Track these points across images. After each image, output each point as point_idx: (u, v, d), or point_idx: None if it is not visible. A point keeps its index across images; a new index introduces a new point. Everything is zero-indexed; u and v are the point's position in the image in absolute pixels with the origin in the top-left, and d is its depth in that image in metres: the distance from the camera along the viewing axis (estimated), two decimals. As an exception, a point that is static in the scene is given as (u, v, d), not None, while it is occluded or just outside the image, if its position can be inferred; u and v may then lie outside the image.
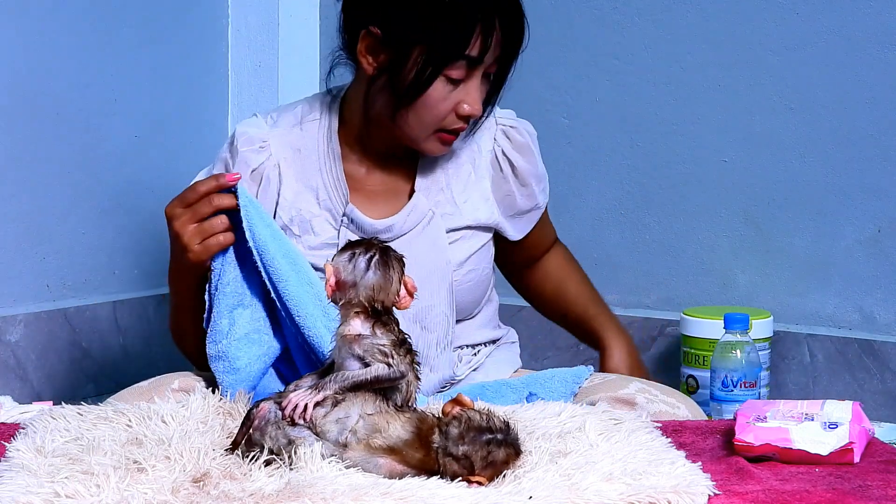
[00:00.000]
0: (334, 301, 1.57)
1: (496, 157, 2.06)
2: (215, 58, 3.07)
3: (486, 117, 2.01)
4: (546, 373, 1.98)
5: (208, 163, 2.08)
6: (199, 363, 1.97)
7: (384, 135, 1.98)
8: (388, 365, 1.53)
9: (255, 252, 1.83)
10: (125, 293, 2.83)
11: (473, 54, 1.90)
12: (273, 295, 1.84)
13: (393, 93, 1.92)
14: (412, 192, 2.02)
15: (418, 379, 1.58)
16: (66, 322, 2.68)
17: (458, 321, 2.04)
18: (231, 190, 1.85)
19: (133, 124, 2.84)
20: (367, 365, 1.53)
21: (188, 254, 1.85)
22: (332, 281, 1.55)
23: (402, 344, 1.56)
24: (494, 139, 2.06)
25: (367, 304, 1.55)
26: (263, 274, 1.83)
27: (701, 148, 2.77)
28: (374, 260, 1.55)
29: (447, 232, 2.01)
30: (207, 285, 1.88)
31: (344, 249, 1.58)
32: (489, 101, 1.99)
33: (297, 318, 1.82)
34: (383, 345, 1.54)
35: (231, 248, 1.86)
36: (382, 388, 1.54)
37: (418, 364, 1.58)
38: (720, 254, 2.77)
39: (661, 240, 2.83)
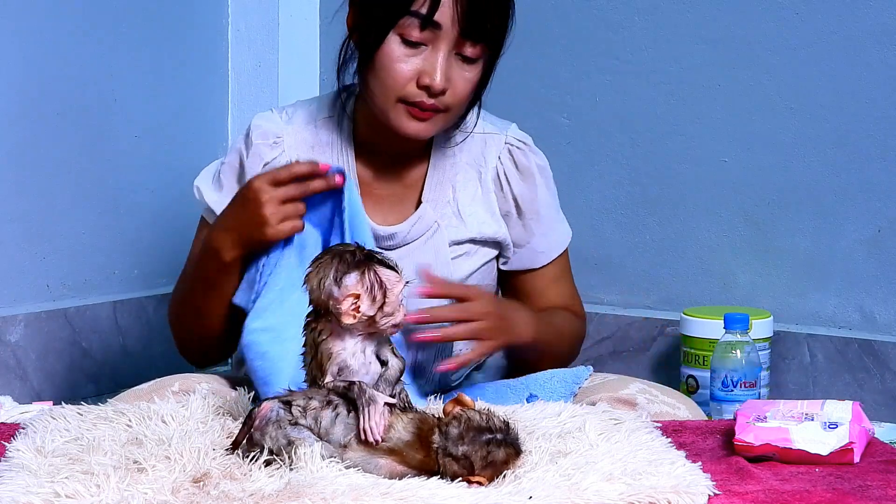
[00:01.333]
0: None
1: (498, 174, 2.04)
2: (215, 58, 3.07)
3: (469, 109, 1.97)
4: (546, 373, 1.97)
5: (208, 163, 2.08)
6: (199, 346, 2.00)
7: (374, 120, 1.95)
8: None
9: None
10: (125, 293, 2.83)
11: (422, 11, 1.84)
12: None
13: (358, 53, 1.92)
14: (419, 201, 2.00)
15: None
16: (66, 322, 2.67)
17: None
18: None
19: (133, 124, 2.84)
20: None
21: (266, 228, 1.85)
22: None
23: None
24: (499, 157, 2.04)
25: None
26: None
27: (701, 148, 2.77)
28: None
29: (451, 245, 2.00)
30: (256, 262, 1.88)
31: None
32: (477, 95, 1.95)
33: None
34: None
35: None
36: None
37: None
38: (720, 254, 2.77)
39: (661, 240, 2.83)
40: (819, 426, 1.62)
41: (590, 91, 2.87)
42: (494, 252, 2.06)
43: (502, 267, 2.08)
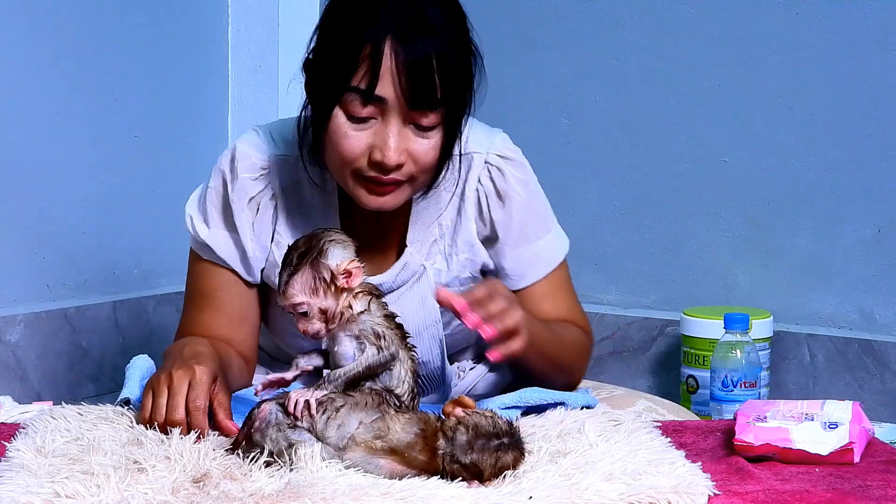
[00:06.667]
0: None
1: (478, 198, 1.93)
2: (215, 58, 3.07)
3: (440, 170, 1.84)
4: (556, 393, 1.91)
5: (208, 164, 2.07)
6: None
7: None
8: (379, 348, 1.55)
9: None
10: (125, 293, 2.83)
11: (362, 86, 1.73)
12: None
13: (312, 123, 1.83)
14: (403, 244, 1.93)
15: (412, 358, 1.60)
16: (66, 322, 2.67)
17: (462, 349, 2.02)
18: None
19: (133, 124, 2.84)
20: (361, 346, 1.55)
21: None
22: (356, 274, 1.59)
23: (393, 318, 1.60)
24: (479, 180, 1.93)
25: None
26: None
27: (701, 148, 2.77)
28: (338, 234, 1.60)
29: (438, 286, 1.91)
30: None
31: (310, 248, 1.57)
32: (446, 154, 1.82)
33: None
34: (377, 323, 1.57)
35: None
36: (376, 375, 1.56)
37: (411, 344, 1.60)
38: (720, 254, 2.77)
39: (661, 240, 2.83)
40: (819, 426, 1.61)
41: (590, 91, 2.87)
42: (478, 276, 1.99)
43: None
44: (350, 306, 1.57)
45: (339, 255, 1.58)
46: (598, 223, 2.88)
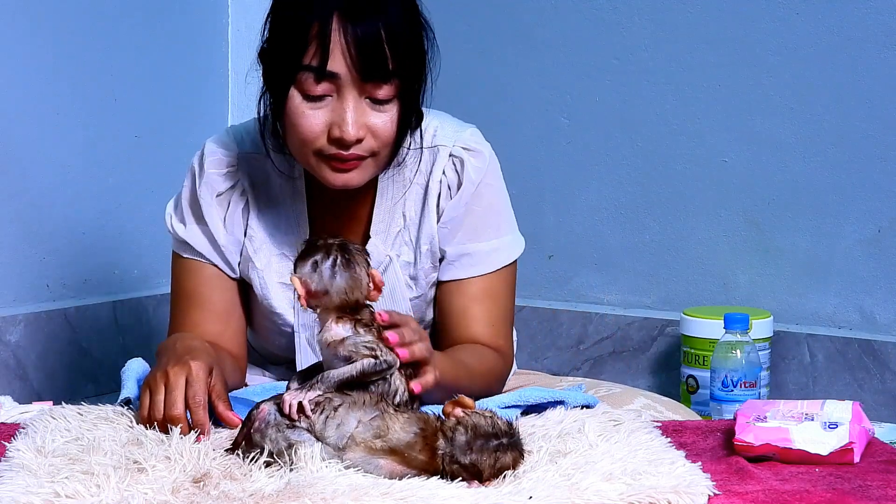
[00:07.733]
0: (311, 308, 1.58)
1: (440, 190, 1.93)
2: (215, 58, 3.07)
3: (399, 146, 1.84)
4: (554, 392, 1.90)
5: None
6: None
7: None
8: (375, 357, 1.55)
9: None
10: (125, 293, 2.83)
11: (314, 64, 1.76)
12: None
13: (272, 109, 1.85)
14: (368, 237, 1.93)
15: (404, 375, 1.59)
16: (66, 322, 2.68)
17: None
18: None
19: (133, 124, 2.84)
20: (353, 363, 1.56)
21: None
22: (303, 292, 1.57)
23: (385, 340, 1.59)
24: (444, 171, 1.93)
25: (342, 307, 1.57)
26: None
27: (701, 148, 2.77)
28: (338, 262, 1.57)
29: (407, 278, 1.93)
30: None
31: (303, 257, 1.57)
32: (404, 130, 1.83)
33: None
34: (368, 341, 1.57)
35: None
36: (371, 383, 1.55)
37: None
38: (720, 254, 2.77)
39: (661, 240, 2.83)
40: (819, 426, 1.61)
41: (590, 91, 2.87)
42: (437, 266, 1.97)
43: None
44: (327, 326, 1.57)
45: (302, 270, 1.57)
46: (598, 223, 2.88)
